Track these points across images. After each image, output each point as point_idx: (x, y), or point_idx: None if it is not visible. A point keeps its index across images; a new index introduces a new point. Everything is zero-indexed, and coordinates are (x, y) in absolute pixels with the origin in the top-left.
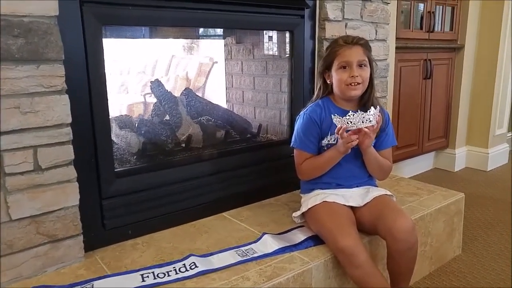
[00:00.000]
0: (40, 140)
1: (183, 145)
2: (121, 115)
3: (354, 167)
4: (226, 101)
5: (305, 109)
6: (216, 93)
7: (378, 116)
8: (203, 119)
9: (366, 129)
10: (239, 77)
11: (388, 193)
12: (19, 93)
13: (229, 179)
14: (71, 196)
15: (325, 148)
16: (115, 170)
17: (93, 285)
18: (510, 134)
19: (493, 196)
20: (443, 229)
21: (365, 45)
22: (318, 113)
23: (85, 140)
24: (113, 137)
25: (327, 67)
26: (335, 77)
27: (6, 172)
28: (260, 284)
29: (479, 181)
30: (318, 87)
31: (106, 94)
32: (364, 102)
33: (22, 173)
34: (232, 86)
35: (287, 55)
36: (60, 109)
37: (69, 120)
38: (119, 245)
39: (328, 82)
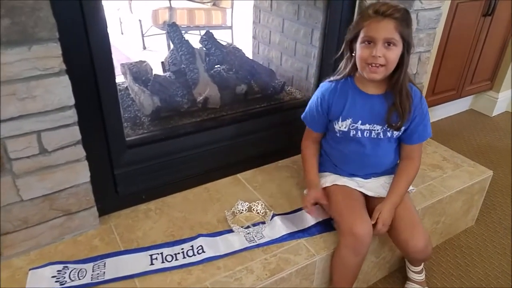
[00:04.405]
0: (43, 125)
1: (199, 105)
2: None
3: (372, 158)
4: (253, 37)
5: (322, 86)
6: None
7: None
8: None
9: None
10: (267, 14)
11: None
12: (13, 79)
13: (247, 142)
14: (81, 174)
15: (339, 135)
16: (126, 140)
17: (105, 263)
18: None
19: None
20: (460, 207)
21: (401, 18)
22: (328, 95)
23: (93, 116)
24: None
25: (354, 37)
26: (358, 52)
27: (12, 158)
28: (263, 280)
29: None
30: (345, 58)
31: (113, 68)
32: (392, 86)
33: (28, 157)
34: (259, 22)
35: (322, 4)
36: (60, 91)
37: (72, 102)
38: (133, 209)
39: (353, 54)
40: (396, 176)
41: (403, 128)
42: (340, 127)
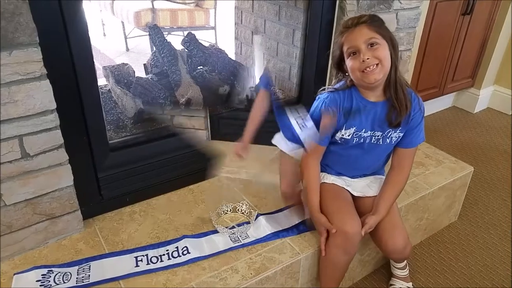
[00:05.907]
0: (25, 129)
1: (182, 107)
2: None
3: (365, 161)
4: (235, 38)
5: (326, 96)
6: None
7: None
8: (205, 72)
9: None
10: (249, 15)
11: None
12: None
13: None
14: (64, 177)
15: (339, 142)
16: (109, 143)
17: (90, 266)
18: None
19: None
20: (443, 203)
21: (370, 21)
22: (337, 103)
23: (75, 120)
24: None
25: (340, 58)
26: (348, 66)
27: None
28: (248, 280)
29: (498, 128)
30: (337, 78)
31: (95, 71)
32: (389, 88)
33: (10, 162)
34: (241, 23)
35: (303, 4)
36: (42, 96)
37: (53, 106)
38: (117, 212)
39: (347, 74)
40: (385, 187)
41: (401, 134)
42: (343, 135)
